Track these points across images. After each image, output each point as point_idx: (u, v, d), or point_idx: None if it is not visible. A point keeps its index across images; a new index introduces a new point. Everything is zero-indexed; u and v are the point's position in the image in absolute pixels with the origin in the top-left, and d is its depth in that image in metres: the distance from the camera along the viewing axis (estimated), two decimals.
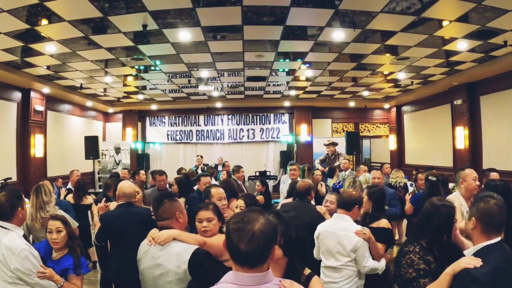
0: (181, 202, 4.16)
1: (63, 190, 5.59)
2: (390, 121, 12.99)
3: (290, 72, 8.34)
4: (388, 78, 8.88)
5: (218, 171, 8.70)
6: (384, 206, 3.28)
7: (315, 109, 12.66)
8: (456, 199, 2.97)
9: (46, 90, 8.68)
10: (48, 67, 7.30)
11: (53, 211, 3.28)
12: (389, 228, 2.97)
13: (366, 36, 5.79)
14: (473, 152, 8.54)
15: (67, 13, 4.70)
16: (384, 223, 2.94)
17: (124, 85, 9.38)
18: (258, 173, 11.33)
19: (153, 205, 2.26)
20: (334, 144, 12.08)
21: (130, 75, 8.35)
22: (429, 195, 3.11)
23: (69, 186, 6.35)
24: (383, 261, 2.73)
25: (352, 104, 12.41)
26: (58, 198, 4.80)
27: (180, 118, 13.19)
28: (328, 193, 4.12)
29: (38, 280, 2.16)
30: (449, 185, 4.45)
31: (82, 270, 2.47)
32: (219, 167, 10.00)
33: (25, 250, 2.15)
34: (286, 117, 12.95)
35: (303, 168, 5.75)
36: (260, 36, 5.84)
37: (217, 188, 3.17)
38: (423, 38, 5.80)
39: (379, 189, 3.21)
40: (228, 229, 1.25)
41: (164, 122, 13.27)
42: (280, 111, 12.90)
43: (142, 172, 6.47)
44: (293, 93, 11.10)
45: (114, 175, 6.91)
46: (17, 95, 8.17)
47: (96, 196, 5.19)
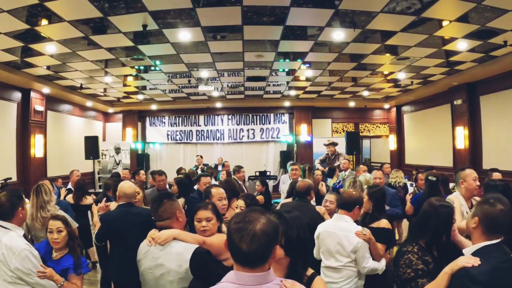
0: (181, 202, 4.20)
1: (63, 190, 5.59)
2: (390, 121, 12.99)
3: (290, 72, 8.34)
4: (388, 78, 8.88)
5: (218, 171, 8.70)
6: (384, 206, 3.28)
7: (315, 109, 12.66)
8: (456, 199, 2.97)
9: (46, 90, 8.68)
10: (48, 67, 7.30)
11: (54, 211, 3.28)
12: (389, 229, 2.96)
13: (366, 36, 5.79)
14: (473, 152, 8.54)
15: (67, 13, 4.70)
16: (384, 223, 2.94)
17: (124, 85, 9.38)
18: (258, 173, 11.33)
19: (153, 206, 2.24)
20: (334, 144, 12.08)
21: (130, 75, 8.35)
22: (429, 195, 3.11)
23: (69, 186, 6.35)
24: (383, 262, 2.73)
25: (352, 104, 12.41)
26: (58, 198, 4.80)
27: (180, 118, 13.19)
28: (328, 193, 4.11)
29: (38, 280, 2.16)
30: (450, 185, 4.45)
31: (82, 270, 2.48)
32: (219, 167, 10.00)
33: (25, 250, 2.15)
34: (286, 117, 12.95)
35: (304, 168, 5.76)
36: (260, 36, 5.84)
37: (218, 188, 3.17)
38: (423, 38, 5.80)
39: (380, 189, 3.21)
40: (230, 229, 1.24)
41: (164, 122, 13.26)
42: (280, 111, 12.89)
43: (142, 172, 6.49)
44: (293, 93, 11.10)
45: (115, 175, 6.91)
46: (17, 95, 8.17)
47: (96, 196, 5.19)
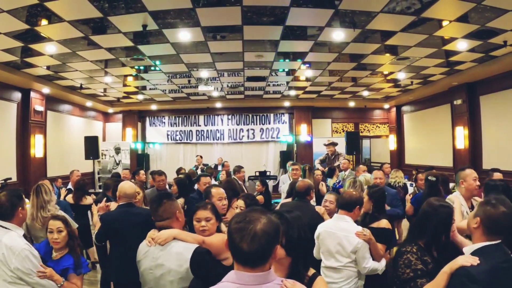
0: (181, 202, 4.20)
1: (63, 190, 5.58)
2: (390, 121, 12.99)
3: (290, 72, 8.34)
4: (388, 78, 8.88)
5: (218, 171, 8.69)
6: (384, 206, 3.28)
7: (315, 109, 12.66)
8: (456, 199, 2.97)
9: (46, 90, 8.68)
10: (48, 67, 7.30)
11: (54, 211, 3.28)
12: (389, 229, 2.96)
13: (366, 36, 5.79)
14: (473, 152, 8.54)
15: (67, 13, 4.70)
16: (385, 224, 2.94)
17: (124, 85, 9.38)
18: (258, 173, 11.33)
19: (152, 206, 2.24)
20: (334, 144, 12.08)
21: (130, 75, 8.34)
22: (429, 195, 3.11)
23: (69, 186, 6.35)
24: (383, 262, 2.72)
25: (352, 104, 12.41)
26: (58, 199, 4.79)
27: (180, 118, 13.19)
28: (327, 193, 4.11)
29: (38, 280, 2.17)
30: (450, 185, 4.45)
31: (82, 270, 2.48)
32: (219, 167, 10.00)
33: (25, 250, 2.15)
34: (286, 117, 12.95)
35: (304, 168, 5.77)
36: (260, 36, 5.84)
37: (218, 188, 3.16)
38: (423, 38, 5.80)
39: (380, 189, 3.21)
40: (230, 229, 1.24)
41: (164, 122, 13.27)
42: (280, 111, 12.90)
43: (142, 172, 6.49)
44: (293, 93, 11.10)
45: (115, 176, 6.91)
46: (17, 95, 8.17)
47: (96, 196, 5.19)
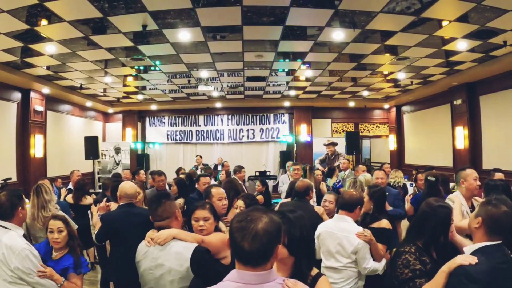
0: (181, 203, 4.20)
1: (64, 190, 5.58)
2: (390, 121, 12.99)
3: (290, 72, 8.34)
4: (388, 78, 8.88)
5: (218, 171, 8.69)
6: (385, 206, 3.27)
7: (315, 109, 12.66)
8: (457, 199, 2.97)
9: (46, 91, 8.67)
10: (48, 68, 7.30)
11: (55, 211, 3.28)
12: (390, 229, 2.95)
13: (366, 36, 5.79)
14: (473, 152, 8.54)
15: (67, 13, 4.70)
16: (385, 224, 2.93)
17: (124, 85, 9.38)
18: (258, 173, 11.33)
19: (151, 206, 2.24)
20: (334, 144, 12.08)
21: (130, 75, 8.34)
22: (428, 195, 3.10)
23: (70, 186, 6.35)
24: (384, 262, 2.72)
25: (352, 104, 12.42)
26: (58, 199, 4.79)
27: (180, 118, 13.19)
28: (327, 193, 4.11)
29: (38, 279, 2.17)
30: (450, 185, 4.45)
31: (82, 270, 2.48)
32: (219, 167, 9.99)
33: (25, 250, 2.16)
34: (286, 117, 12.95)
35: (305, 168, 5.77)
36: (260, 36, 5.84)
37: (218, 188, 3.16)
38: (423, 38, 5.80)
39: (380, 189, 3.21)
40: (232, 228, 1.24)
41: (164, 122, 13.26)
42: (280, 111, 12.90)
43: (142, 172, 6.49)
44: (293, 93, 11.10)
45: (116, 176, 6.89)
46: (17, 96, 8.17)
47: (96, 196, 5.18)
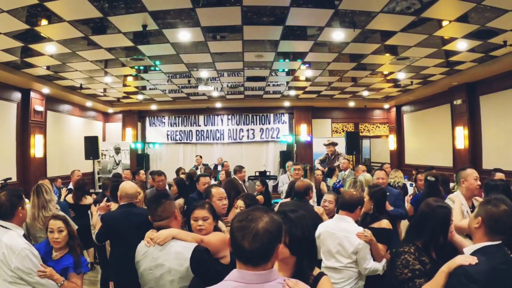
0: (181, 203, 4.20)
1: (64, 190, 5.57)
2: (390, 121, 13.00)
3: (290, 72, 8.34)
4: (388, 78, 8.88)
5: (218, 171, 8.69)
6: (385, 206, 3.27)
7: (315, 109, 12.66)
8: (457, 198, 2.97)
9: (46, 91, 8.67)
10: (48, 68, 7.30)
11: (55, 211, 3.28)
12: (390, 229, 2.95)
13: (366, 36, 5.79)
14: (473, 152, 8.54)
15: (67, 13, 4.70)
16: (385, 224, 2.92)
17: (124, 85, 9.38)
18: (258, 173, 11.33)
19: (150, 206, 2.24)
20: (334, 144, 12.08)
21: (130, 75, 8.34)
22: (428, 195, 3.11)
23: (70, 186, 6.34)
24: (384, 262, 2.71)
25: (352, 104, 12.42)
26: (58, 199, 4.79)
27: (180, 118, 13.19)
28: (326, 193, 4.11)
29: (39, 279, 2.17)
30: (450, 185, 4.45)
31: (82, 269, 2.48)
32: (219, 167, 9.99)
33: (26, 249, 2.16)
34: (286, 117, 12.95)
35: (305, 168, 5.78)
36: (260, 36, 5.84)
37: (218, 188, 3.16)
38: (423, 38, 5.80)
39: (380, 189, 3.21)
40: (233, 227, 1.24)
41: (164, 122, 13.26)
42: (280, 111, 12.90)
43: (142, 172, 6.50)
44: (293, 93, 11.10)
45: (116, 176, 6.89)
46: (17, 96, 8.17)
47: (96, 196, 5.17)
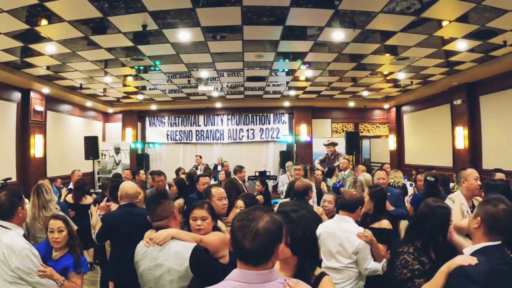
0: (181, 203, 4.20)
1: (64, 190, 5.56)
2: (390, 121, 13.00)
3: (290, 72, 8.34)
4: (388, 78, 8.88)
5: (218, 171, 8.69)
6: (385, 206, 3.27)
7: (315, 109, 12.67)
8: (457, 198, 2.96)
9: (46, 90, 8.67)
10: (48, 68, 7.30)
11: (56, 211, 3.28)
12: (390, 229, 2.95)
13: (366, 36, 5.79)
14: (473, 152, 8.55)
15: (67, 13, 4.70)
16: (386, 224, 2.92)
17: (124, 85, 9.38)
18: (258, 173, 11.33)
19: (149, 206, 2.24)
20: (334, 144, 12.08)
21: (130, 75, 8.34)
22: (427, 196, 3.10)
23: (70, 186, 6.34)
24: (384, 262, 2.71)
25: (352, 104, 12.42)
26: (58, 199, 4.78)
27: (180, 118, 13.18)
28: (326, 193, 4.11)
29: (39, 279, 2.17)
30: (450, 185, 4.45)
31: (83, 269, 2.48)
32: (219, 167, 9.99)
33: (26, 249, 2.16)
34: (286, 117, 12.95)
35: (305, 168, 5.78)
36: (260, 36, 5.84)
37: (218, 188, 3.16)
38: (423, 38, 5.80)
39: (381, 189, 3.21)
40: (233, 226, 1.25)
41: (164, 122, 13.26)
42: (280, 111, 12.90)
43: (142, 172, 6.50)
44: (293, 93, 11.10)
45: (117, 176, 6.88)
46: (17, 95, 8.17)
47: (96, 196, 5.16)
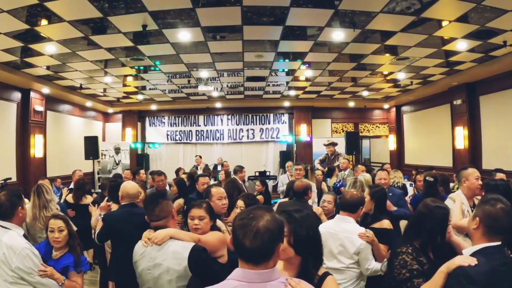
0: (181, 203, 4.19)
1: (65, 190, 5.56)
2: (390, 121, 13.00)
3: (290, 72, 8.34)
4: (388, 78, 8.88)
5: (218, 171, 8.68)
6: (386, 206, 3.27)
7: (315, 109, 12.67)
8: (458, 198, 2.97)
9: (46, 90, 8.67)
10: (48, 68, 7.29)
11: (56, 211, 3.28)
12: (391, 229, 2.95)
13: (366, 36, 5.79)
14: (473, 152, 8.55)
15: (67, 14, 4.70)
16: (386, 224, 2.92)
17: (124, 85, 9.38)
18: (258, 173, 11.32)
19: (148, 206, 2.25)
20: (334, 144, 12.07)
21: (130, 75, 8.34)
22: (426, 196, 3.11)
23: (71, 186, 6.33)
24: (385, 262, 2.71)
25: (352, 104, 12.42)
26: (59, 199, 4.77)
27: (180, 118, 13.18)
28: (325, 193, 4.10)
29: (39, 279, 2.17)
30: (450, 185, 4.45)
31: (83, 268, 2.48)
32: (219, 167, 9.99)
33: (26, 249, 2.16)
34: (286, 117, 12.95)
35: (306, 168, 5.78)
36: (260, 36, 5.84)
37: (218, 188, 3.15)
38: (423, 38, 5.80)
39: (381, 189, 3.21)
40: (234, 225, 1.26)
41: (164, 122, 13.26)
42: (280, 111, 12.90)
43: (142, 172, 6.50)
44: (293, 93, 11.10)
45: (117, 177, 6.87)
46: (17, 96, 8.16)
47: (95, 197, 5.15)
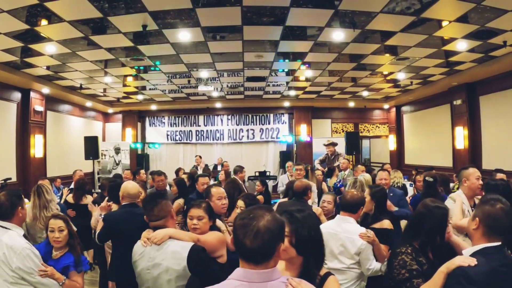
0: (181, 203, 4.20)
1: (66, 190, 5.55)
2: (390, 121, 13.00)
3: (290, 72, 8.35)
4: (388, 78, 8.88)
5: (218, 171, 8.68)
6: (386, 206, 3.27)
7: (315, 109, 12.67)
8: (458, 197, 2.97)
9: (46, 91, 8.67)
10: (48, 68, 7.30)
11: (56, 211, 3.28)
12: (392, 229, 2.95)
13: (366, 36, 5.79)
14: (473, 152, 8.55)
15: (67, 14, 4.70)
16: (387, 224, 2.92)
17: (124, 86, 9.38)
18: (258, 173, 11.32)
19: (147, 206, 2.25)
20: (334, 144, 12.07)
21: (130, 76, 8.34)
22: (426, 196, 3.10)
23: (72, 186, 6.32)
24: (385, 262, 2.71)
25: (352, 104, 12.42)
26: (60, 199, 4.77)
27: (180, 119, 13.18)
28: (325, 194, 4.10)
29: (40, 279, 2.17)
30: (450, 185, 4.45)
31: (83, 267, 2.48)
32: (219, 167, 9.99)
33: (26, 249, 2.16)
34: (286, 117, 12.95)
35: (306, 168, 5.78)
36: (260, 37, 5.84)
37: (218, 188, 3.15)
38: (423, 38, 5.81)
39: (381, 189, 3.21)
40: (235, 225, 1.26)
41: (164, 123, 13.26)
42: (280, 111, 12.90)
43: (142, 172, 6.51)
44: (293, 93, 11.10)
45: (117, 177, 6.86)
46: (17, 96, 8.17)
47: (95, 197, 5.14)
